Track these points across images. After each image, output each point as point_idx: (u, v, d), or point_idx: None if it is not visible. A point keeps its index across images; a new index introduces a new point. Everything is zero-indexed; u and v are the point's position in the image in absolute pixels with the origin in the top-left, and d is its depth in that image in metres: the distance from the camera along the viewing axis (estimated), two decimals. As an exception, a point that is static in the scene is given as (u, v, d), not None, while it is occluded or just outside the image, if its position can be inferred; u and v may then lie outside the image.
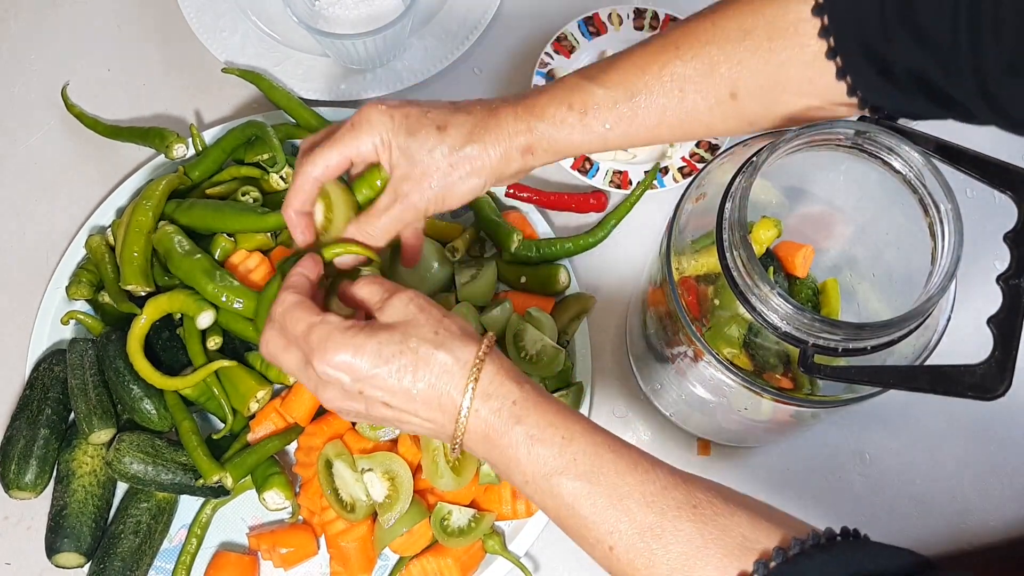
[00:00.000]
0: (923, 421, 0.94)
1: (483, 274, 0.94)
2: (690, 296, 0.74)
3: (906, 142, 0.65)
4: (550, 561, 0.90)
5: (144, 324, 0.88)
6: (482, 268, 0.95)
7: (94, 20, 1.11)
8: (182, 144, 0.99)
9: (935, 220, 0.66)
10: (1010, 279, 0.59)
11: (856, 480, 0.93)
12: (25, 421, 0.89)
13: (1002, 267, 0.60)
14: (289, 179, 0.97)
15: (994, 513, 0.92)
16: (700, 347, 0.72)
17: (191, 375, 0.87)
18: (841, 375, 0.66)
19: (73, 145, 1.06)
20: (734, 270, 0.67)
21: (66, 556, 0.86)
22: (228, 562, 0.89)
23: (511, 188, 0.98)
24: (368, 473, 0.86)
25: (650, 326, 0.85)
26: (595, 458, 0.59)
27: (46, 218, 1.03)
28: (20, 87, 1.09)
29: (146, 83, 1.09)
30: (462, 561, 0.87)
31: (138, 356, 0.87)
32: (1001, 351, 0.58)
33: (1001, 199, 0.62)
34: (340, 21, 1.04)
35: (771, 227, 0.77)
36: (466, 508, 0.87)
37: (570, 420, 0.62)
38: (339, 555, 0.87)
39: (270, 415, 0.90)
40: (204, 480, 0.85)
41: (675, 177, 1.00)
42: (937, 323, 0.70)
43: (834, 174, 0.75)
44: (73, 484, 0.88)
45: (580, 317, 0.94)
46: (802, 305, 0.64)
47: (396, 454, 0.87)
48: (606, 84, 0.69)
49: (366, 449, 0.88)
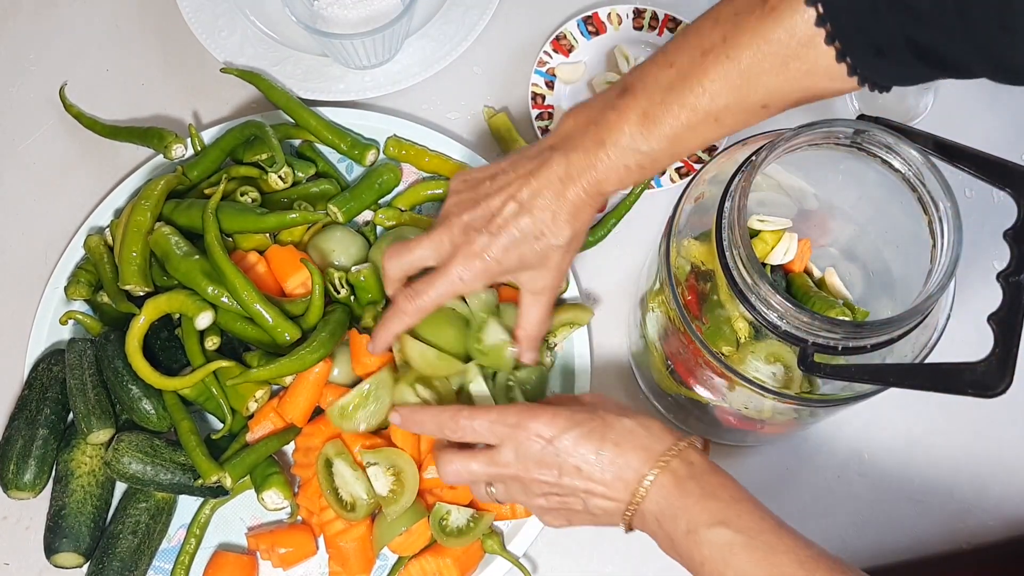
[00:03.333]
0: (922, 421, 0.94)
1: None
2: (690, 296, 0.74)
3: (905, 141, 0.66)
4: (548, 561, 0.90)
5: (143, 324, 0.87)
6: None
7: (93, 20, 1.11)
8: (180, 144, 0.99)
9: (934, 219, 0.66)
10: (1010, 276, 0.59)
11: (855, 480, 0.93)
12: (24, 421, 0.89)
13: (1001, 266, 0.60)
14: (288, 179, 0.96)
15: (993, 513, 0.92)
16: (700, 346, 0.72)
17: (189, 375, 0.87)
18: (841, 374, 0.66)
19: (72, 145, 1.06)
20: (734, 269, 0.67)
21: (65, 556, 0.86)
22: (227, 562, 0.88)
23: None
24: (373, 467, 0.86)
25: (650, 326, 0.85)
26: (759, 520, 0.66)
27: (44, 218, 1.03)
28: (19, 87, 1.09)
29: (145, 83, 1.08)
30: (461, 561, 0.87)
31: (136, 356, 0.87)
32: (1002, 348, 0.58)
33: (1000, 199, 0.62)
34: (339, 21, 1.04)
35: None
36: (465, 508, 0.87)
37: (740, 490, 0.69)
38: (338, 555, 0.87)
39: (268, 415, 0.90)
40: (203, 480, 0.85)
41: (672, 177, 1.00)
42: (937, 321, 0.70)
43: (833, 173, 0.75)
44: (72, 484, 0.87)
45: (572, 325, 0.93)
46: (802, 304, 0.64)
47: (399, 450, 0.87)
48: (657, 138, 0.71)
49: (369, 444, 0.87)
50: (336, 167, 1.01)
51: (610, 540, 0.91)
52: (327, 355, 0.88)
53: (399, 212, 0.97)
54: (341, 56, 1.03)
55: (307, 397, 0.89)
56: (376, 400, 0.87)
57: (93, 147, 1.05)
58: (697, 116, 0.69)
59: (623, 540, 0.90)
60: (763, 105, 0.68)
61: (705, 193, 0.75)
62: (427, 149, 1.00)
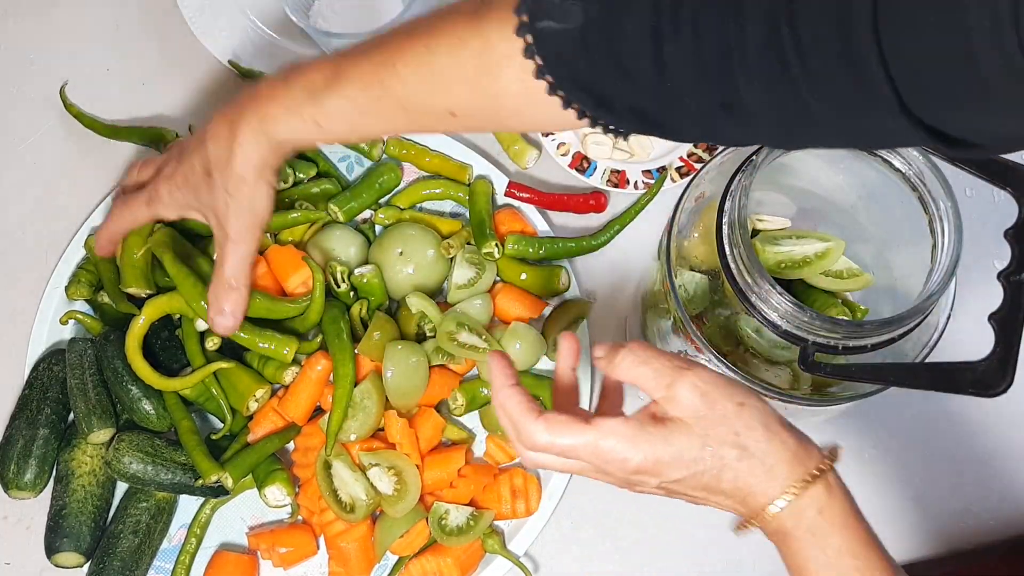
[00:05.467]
0: (923, 420, 0.94)
1: (481, 281, 0.93)
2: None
3: (906, 140, 0.66)
4: (549, 561, 0.91)
5: (143, 324, 0.87)
6: (483, 272, 0.93)
7: (93, 20, 1.11)
8: (181, 143, 0.99)
9: (934, 218, 0.66)
10: (1011, 275, 0.59)
11: (855, 480, 0.92)
12: (24, 421, 0.89)
13: (1001, 266, 0.60)
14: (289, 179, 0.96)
15: (993, 513, 0.92)
16: (700, 345, 0.72)
17: (190, 376, 0.87)
18: (841, 373, 0.66)
19: (72, 145, 1.06)
20: (734, 269, 0.67)
21: (65, 556, 0.86)
22: (227, 562, 0.88)
23: (510, 188, 0.98)
24: (374, 468, 0.86)
25: (650, 325, 0.85)
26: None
27: (45, 218, 1.03)
28: (19, 87, 1.09)
29: (145, 83, 1.08)
30: (461, 561, 0.87)
31: (136, 356, 0.87)
32: (1003, 347, 0.58)
33: (1000, 198, 0.62)
34: (339, 20, 1.04)
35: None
36: (464, 507, 0.87)
37: (871, 551, 0.60)
38: (339, 555, 0.87)
39: (269, 414, 0.90)
40: (204, 480, 0.85)
41: (673, 177, 1.00)
42: (937, 321, 0.70)
43: (833, 173, 0.75)
44: (72, 484, 0.87)
45: (577, 322, 0.94)
46: (802, 303, 0.64)
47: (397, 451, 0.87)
48: (340, 96, 0.70)
49: (366, 447, 0.88)
50: (337, 167, 1.01)
51: (612, 539, 0.91)
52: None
53: (398, 211, 0.97)
54: (341, 56, 1.03)
55: (308, 395, 0.89)
56: (363, 410, 0.87)
57: (93, 147, 1.05)
58: (387, 94, 0.68)
59: (625, 539, 0.91)
60: (451, 112, 0.67)
61: (705, 193, 0.75)
62: (428, 149, 1.00)
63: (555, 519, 0.90)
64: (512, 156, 1.01)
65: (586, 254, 0.98)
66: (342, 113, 0.70)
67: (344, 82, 0.69)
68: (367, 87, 0.68)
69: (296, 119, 0.72)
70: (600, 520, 0.92)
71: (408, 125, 0.72)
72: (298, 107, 0.71)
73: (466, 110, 0.66)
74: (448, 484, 0.88)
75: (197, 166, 0.77)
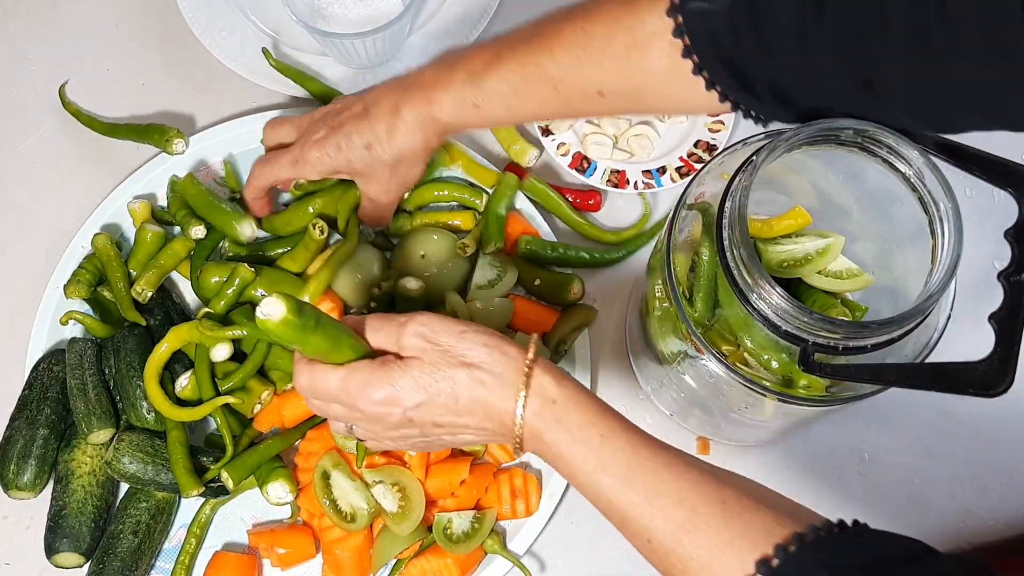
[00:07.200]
0: (922, 420, 0.94)
1: (502, 283, 0.93)
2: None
3: (906, 140, 0.66)
4: (549, 560, 0.90)
5: (164, 352, 0.88)
6: (504, 274, 0.93)
7: (93, 20, 1.11)
8: (182, 140, 0.99)
9: (935, 218, 0.66)
10: (1011, 276, 0.59)
11: (855, 480, 0.93)
12: (24, 421, 0.89)
13: (1001, 266, 0.60)
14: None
15: (993, 513, 0.92)
16: (700, 345, 0.72)
17: (198, 409, 0.87)
18: (841, 373, 0.66)
19: (72, 145, 1.06)
20: (734, 269, 0.67)
21: (65, 556, 0.86)
22: (228, 562, 0.88)
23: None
24: (378, 486, 0.86)
25: (650, 325, 0.85)
26: (632, 457, 0.63)
27: (45, 217, 1.03)
28: (19, 87, 1.09)
29: (145, 83, 1.08)
30: (461, 561, 0.87)
31: (152, 383, 0.87)
32: (1003, 348, 0.58)
33: (1000, 199, 0.62)
34: (339, 20, 1.04)
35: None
36: (465, 512, 0.87)
37: (609, 419, 0.65)
38: (333, 562, 0.87)
39: (272, 416, 0.90)
40: (183, 494, 0.85)
41: (672, 177, 1.00)
42: (937, 321, 0.70)
43: (833, 173, 0.75)
44: (72, 484, 0.87)
45: (581, 328, 0.94)
46: (802, 303, 0.64)
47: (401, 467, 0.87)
48: (497, 78, 0.76)
49: (373, 464, 0.87)
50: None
51: (612, 539, 0.90)
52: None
53: (408, 215, 0.97)
54: (342, 56, 1.03)
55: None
56: None
57: (93, 147, 1.05)
58: (541, 74, 0.74)
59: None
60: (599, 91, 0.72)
61: (705, 192, 0.75)
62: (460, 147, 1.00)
63: (555, 519, 0.90)
64: (513, 156, 1.01)
65: (598, 267, 0.98)
66: (499, 95, 0.76)
67: (502, 64, 0.76)
68: (523, 67, 0.75)
69: (458, 103, 0.78)
70: (600, 519, 0.91)
71: (559, 107, 0.76)
72: (460, 91, 0.78)
73: (614, 88, 0.72)
74: (450, 493, 0.88)
75: (355, 139, 0.83)
